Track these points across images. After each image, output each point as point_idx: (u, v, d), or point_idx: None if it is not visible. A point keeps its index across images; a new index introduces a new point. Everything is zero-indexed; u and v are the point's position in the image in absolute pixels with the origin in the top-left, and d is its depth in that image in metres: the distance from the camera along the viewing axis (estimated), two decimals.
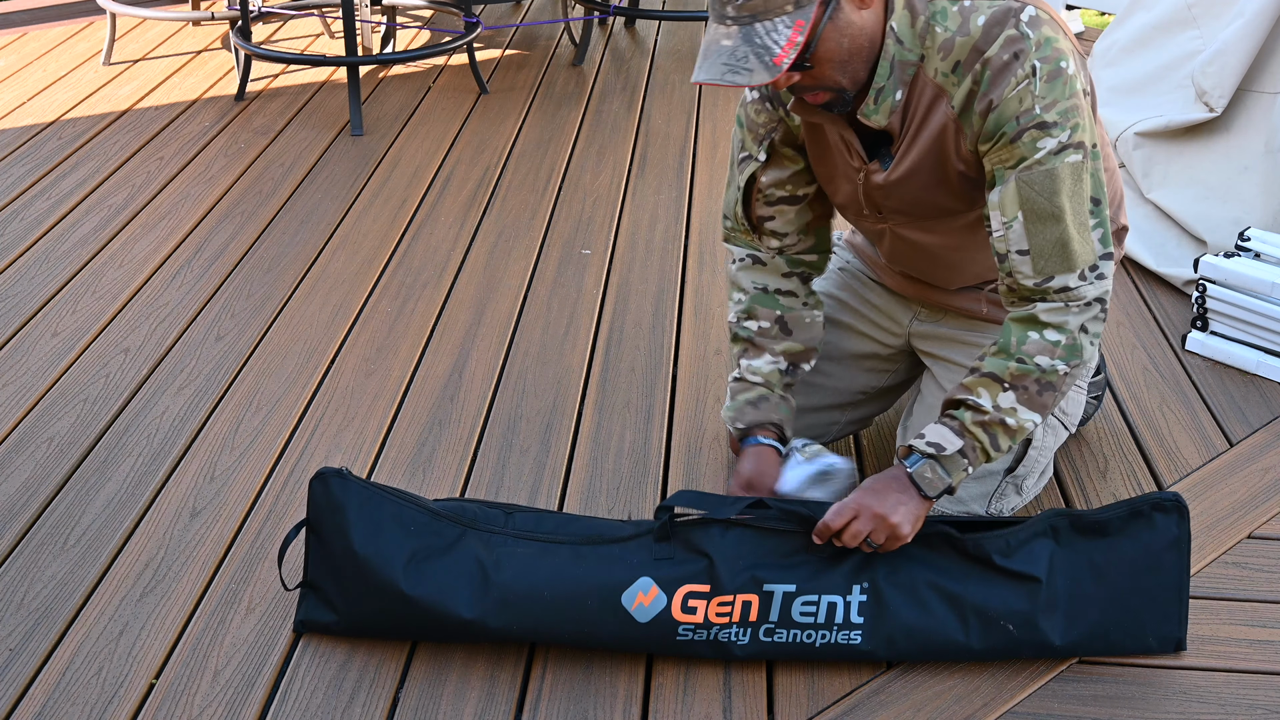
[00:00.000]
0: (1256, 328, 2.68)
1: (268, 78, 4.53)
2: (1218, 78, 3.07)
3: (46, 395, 2.62)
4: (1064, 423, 2.18)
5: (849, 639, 1.89)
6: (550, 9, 5.43)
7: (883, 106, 1.87)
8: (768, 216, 2.11)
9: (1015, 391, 1.87)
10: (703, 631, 1.88)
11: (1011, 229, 1.85)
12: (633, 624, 1.88)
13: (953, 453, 1.87)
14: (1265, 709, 1.85)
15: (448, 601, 1.89)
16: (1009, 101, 1.80)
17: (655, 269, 3.16)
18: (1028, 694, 1.88)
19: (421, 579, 1.90)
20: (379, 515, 1.94)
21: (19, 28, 5.04)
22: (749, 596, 1.88)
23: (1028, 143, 1.81)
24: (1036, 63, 1.80)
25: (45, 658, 1.94)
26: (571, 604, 1.89)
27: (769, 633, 1.89)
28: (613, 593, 1.88)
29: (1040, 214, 1.83)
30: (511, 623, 1.89)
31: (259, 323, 2.90)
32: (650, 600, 1.88)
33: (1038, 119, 1.81)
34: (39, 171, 3.72)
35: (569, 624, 1.89)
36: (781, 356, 2.13)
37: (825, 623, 1.88)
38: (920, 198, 1.97)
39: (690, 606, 1.88)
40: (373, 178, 3.69)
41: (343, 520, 1.93)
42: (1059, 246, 1.84)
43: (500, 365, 2.73)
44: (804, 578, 1.89)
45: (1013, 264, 1.87)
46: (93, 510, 2.27)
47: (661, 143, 3.96)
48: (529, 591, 1.89)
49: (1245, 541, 2.20)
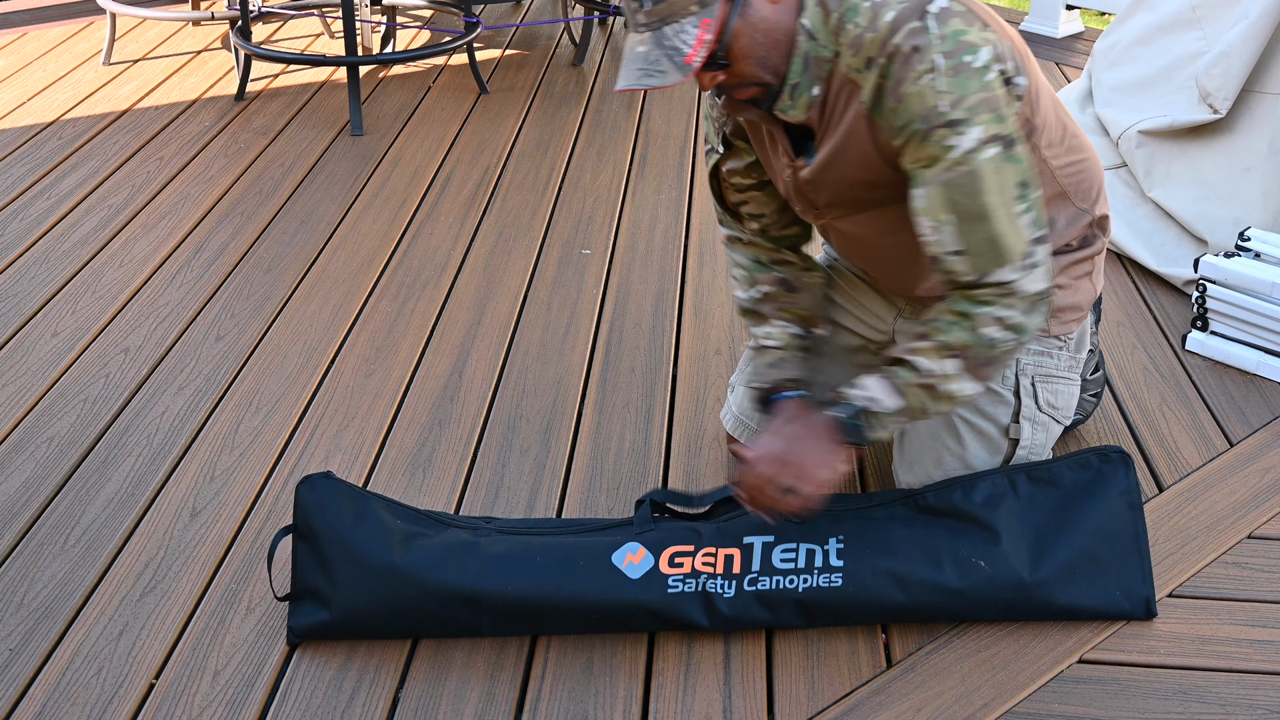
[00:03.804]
0: (1256, 328, 2.68)
1: (268, 78, 4.53)
2: (1222, 79, 3.07)
3: (46, 395, 2.62)
4: (1054, 418, 2.17)
5: (830, 581, 1.95)
6: (550, 9, 5.42)
7: (799, 102, 1.87)
8: (740, 202, 2.16)
9: (961, 360, 1.88)
10: (691, 582, 1.94)
11: (943, 232, 1.84)
12: (624, 580, 1.94)
13: (887, 409, 1.90)
14: (1265, 709, 1.85)
15: (441, 572, 1.94)
16: (912, 98, 1.78)
17: (655, 269, 3.16)
18: (1028, 694, 1.88)
19: (413, 553, 1.96)
20: (366, 507, 2.01)
21: (19, 28, 5.04)
22: (730, 550, 1.97)
23: (937, 141, 1.79)
24: (938, 57, 1.77)
25: (45, 658, 1.94)
26: (563, 568, 1.95)
27: (752, 582, 1.95)
28: (602, 554, 1.97)
29: (968, 214, 1.82)
30: (505, 586, 1.93)
31: (259, 323, 2.90)
32: (639, 559, 1.96)
33: (945, 117, 1.78)
34: (39, 171, 3.72)
35: (563, 589, 1.94)
36: (793, 322, 2.14)
37: (805, 567, 1.95)
38: (845, 191, 1.97)
39: (677, 562, 1.96)
40: (373, 178, 3.69)
41: (331, 513, 1.98)
42: (990, 244, 1.83)
43: (500, 365, 2.73)
44: (781, 531, 1.99)
45: (948, 264, 1.87)
46: (93, 510, 2.27)
47: (661, 143, 3.96)
48: (523, 556, 1.96)
49: (1245, 541, 2.20)
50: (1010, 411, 2.12)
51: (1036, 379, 2.14)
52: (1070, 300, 2.15)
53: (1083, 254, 2.14)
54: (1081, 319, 2.18)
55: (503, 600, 1.93)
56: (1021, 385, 2.13)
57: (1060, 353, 2.17)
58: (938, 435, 2.14)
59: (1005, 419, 2.12)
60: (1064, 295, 2.15)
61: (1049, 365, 2.16)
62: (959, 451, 2.12)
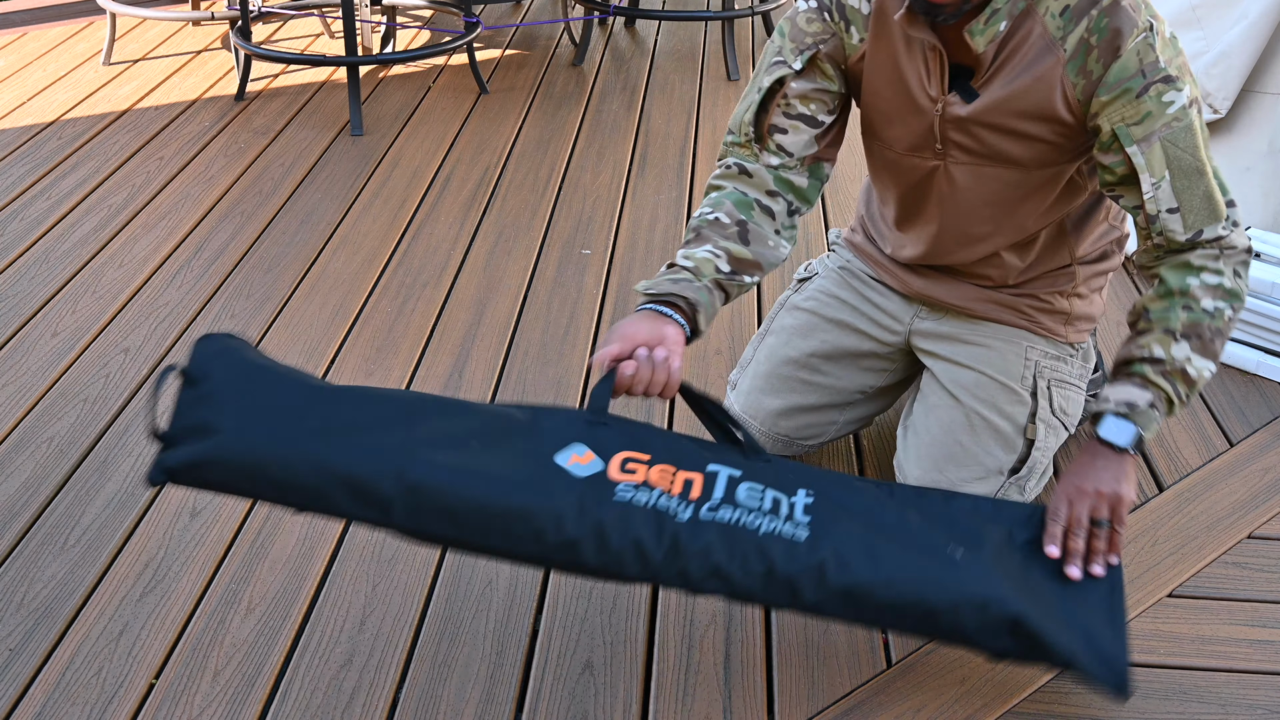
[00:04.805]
0: (1256, 328, 2.68)
1: (268, 78, 4.53)
2: (1222, 79, 3.08)
3: (46, 395, 2.62)
4: (1064, 423, 2.18)
5: (794, 535, 1.72)
6: (550, 9, 5.43)
7: (989, 30, 1.85)
8: (781, 129, 2.01)
9: (1189, 341, 1.87)
10: (643, 493, 1.69)
11: (1160, 189, 1.86)
12: (568, 479, 1.67)
13: (1144, 407, 1.87)
14: (1265, 709, 1.85)
15: (371, 415, 1.65)
16: (1130, 54, 1.82)
17: (655, 269, 3.15)
18: (1028, 694, 1.88)
19: (331, 394, 1.68)
20: (279, 366, 1.73)
21: (19, 28, 5.04)
22: (692, 474, 1.74)
23: (1155, 97, 1.82)
24: (1151, 19, 1.83)
25: (45, 658, 1.94)
26: (499, 456, 1.67)
27: (712, 509, 1.71)
28: (544, 453, 1.69)
29: (1187, 170, 1.85)
30: (432, 458, 1.64)
31: (259, 323, 2.90)
32: (586, 461, 1.70)
33: (1163, 73, 1.82)
34: (39, 171, 3.72)
35: (497, 478, 1.65)
36: (724, 254, 1.95)
37: (771, 510, 1.74)
38: (999, 140, 1.95)
39: (630, 469, 1.71)
40: (373, 178, 3.69)
41: (237, 354, 1.69)
42: (1206, 199, 1.87)
43: (500, 365, 2.73)
44: (750, 469, 1.78)
45: (1164, 223, 1.88)
46: (93, 510, 2.27)
47: (661, 143, 3.96)
48: (460, 434, 1.69)
49: (1245, 541, 2.20)
50: (1027, 412, 2.13)
51: (1052, 383, 2.15)
52: (1086, 310, 2.18)
53: (1102, 267, 2.19)
54: (1093, 330, 2.22)
55: (424, 483, 1.62)
56: (1039, 386, 2.14)
57: (1073, 360, 2.19)
58: (950, 430, 2.14)
59: (1022, 419, 2.13)
60: (1081, 304, 2.17)
61: (1064, 370, 2.17)
62: (971, 447, 2.12)
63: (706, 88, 4.48)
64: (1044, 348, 2.16)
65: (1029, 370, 2.14)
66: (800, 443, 2.31)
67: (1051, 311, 2.16)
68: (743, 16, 4.63)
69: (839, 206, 3.54)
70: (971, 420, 2.13)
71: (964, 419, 2.13)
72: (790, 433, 2.30)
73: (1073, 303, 2.17)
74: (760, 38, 5.06)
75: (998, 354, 2.15)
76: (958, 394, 2.15)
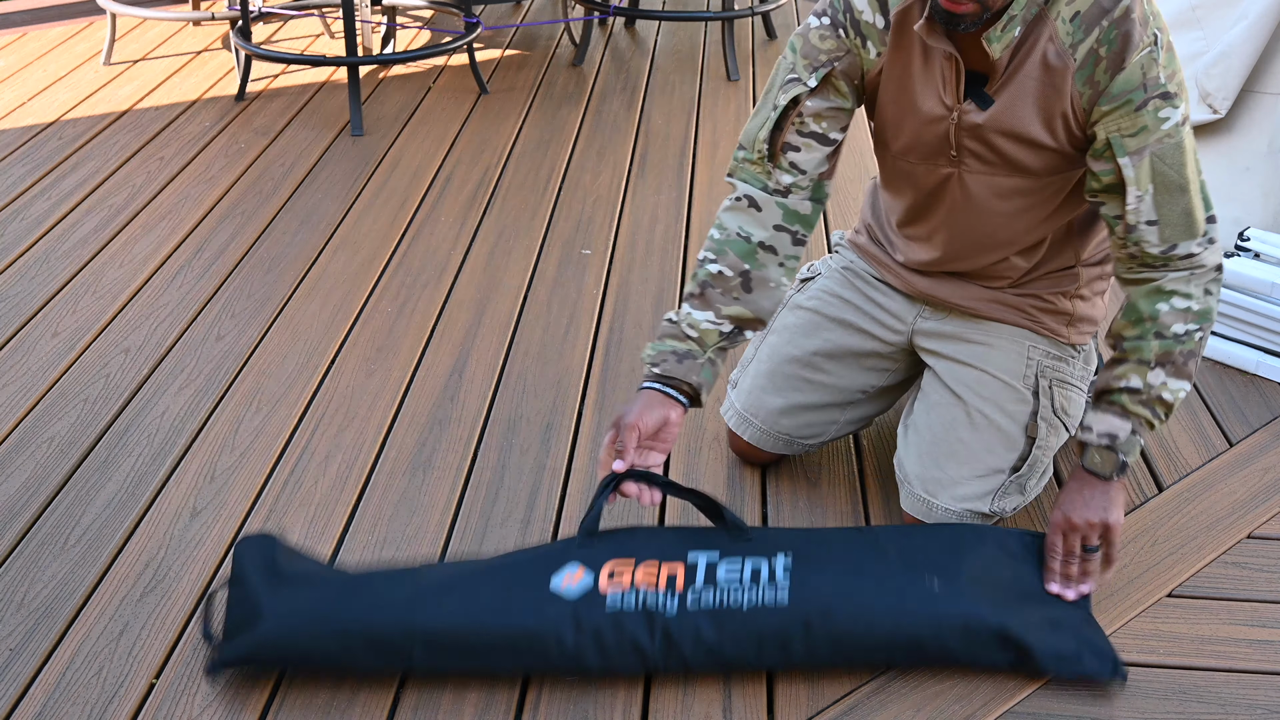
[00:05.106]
0: (1256, 328, 2.68)
1: (268, 78, 4.53)
2: (1222, 80, 3.08)
3: (46, 395, 2.62)
4: (1065, 424, 2.18)
5: (776, 599, 1.86)
6: (550, 9, 5.43)
7: (1005, 37, 1.86)
8: (795, 146, 2.02)
9: (1163, 368, 1.93)
10: (630, 596, 1.86)
11: (1144, 201, 1.89)
12: (562, 602, 1.86)
13: (1126, 436, 1.94)
14: (1265, 709, 1.85)
15: (373, 592, 1.90)
16: (1134, 67, 1.84)
17: (655, 269, 3.16)
18: (1027, 694, 1.88)
19: (344, 577, 1.95)
20: (299, 555, 2.01)
21: (19, 28, 5.04)
22: (674, 566, 1.90)
23: (1152, 112, 1.85)
24: (1158, 32, 1.85)
25: (45, 658, 1.94)
26: (499, 592, 1.88)
27: (696, 596, 1.87)
28: (541, 575, 1.90)
29: (1170, 187, 1.88)
30: (439, 609, 1.87)
31: (259, 323, 2.90)
32: (579, 579, 1.89)
33: (1162, 89, 1.85)
34: (39, 171, 3.72)
35: (497, 615, 1.86)
36: (727, 320, 2.04)
37: (752, 580, 1.89)
38: (1010, 147, 1.97)
39: (616, 579, 1.88)
40: (373, 178, 3.69)
41: (263, 556, 1.97)
42: (1184, 215, 1.90)
43: (500, 365, 2.73)
44: (727, 547, 1.94)
45: (1140, 234, 1.91)
46: (93, 510, 2.27)
47: (661, 143, 3.96)
48: (459, 580, 1.91)
49: (1245, 541, 2.20)
50: (1029, 411, 2.13)
51: (1054, 383, 2.16)
52: (1088, 312, 2.19)
53: (1104, 269, 2.20)
54: (1094, 333, 2.23)
55: (435, 626, 1.85)
56: (1040, 386, 2.14)
57: (1075, 361, 2.19)
58: (951, 427, 2.14)
59: (1024, 417, 2.13)
60: (1084, 306, 2.18)
61: (1065, 371, 2.17)
62: (972, 444, 2.12)
63: (706, 88, 4.48)
64: (1046, 348, 2.16)
65: (1031, 369, 2.14)
66: (801, 441, 2.32)
67: (1054, 312, 2.17)
68: (743, 17, 4.63)
69: (839, 207, 3.54)
70: (973, 417, 2.13)
71: (965, 416, 2.13)
72: (791, 431, 2.30)
73: (1075, 304, 2.17)
74: (760, 38, 5.06)
75: (1000, 352, 2.16)
76: (959, 391, 2.15)
